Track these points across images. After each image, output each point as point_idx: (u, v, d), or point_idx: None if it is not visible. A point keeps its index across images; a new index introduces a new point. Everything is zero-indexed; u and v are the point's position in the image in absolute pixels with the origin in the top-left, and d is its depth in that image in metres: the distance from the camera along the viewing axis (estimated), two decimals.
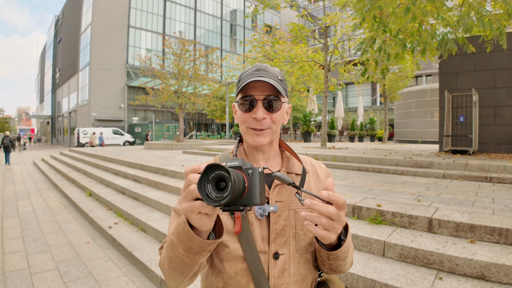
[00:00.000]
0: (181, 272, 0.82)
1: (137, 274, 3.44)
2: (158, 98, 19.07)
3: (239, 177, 0.63)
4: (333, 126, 20.70)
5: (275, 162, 1.01)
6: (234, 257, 0.89)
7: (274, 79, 0.91)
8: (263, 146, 0.95)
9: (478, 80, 7.86)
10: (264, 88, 0.91)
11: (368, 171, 6.56)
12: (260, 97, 0.91)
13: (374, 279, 2.34)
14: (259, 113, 0.90)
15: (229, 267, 0.90)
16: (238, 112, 0.96)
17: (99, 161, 10.62)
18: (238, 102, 0.94)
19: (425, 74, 34.78)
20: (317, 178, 1.03)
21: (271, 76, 0.91)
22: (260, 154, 0.99)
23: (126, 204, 5.54)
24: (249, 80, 0.89)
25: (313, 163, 1.07)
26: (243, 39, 48.11)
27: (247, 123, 0.93)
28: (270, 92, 0.91)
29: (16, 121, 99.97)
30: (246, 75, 0.93)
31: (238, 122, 0.98)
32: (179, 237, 0.76)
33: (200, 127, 46.21)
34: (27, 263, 3.73)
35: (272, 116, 0.92)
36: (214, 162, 0.64)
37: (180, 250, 0.77)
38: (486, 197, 3.92)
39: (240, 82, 0.93)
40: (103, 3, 35.15)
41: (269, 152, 1.00)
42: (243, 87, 0.91)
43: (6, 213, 6.23)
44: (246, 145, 1.02)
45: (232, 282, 0.90)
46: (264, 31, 19.66)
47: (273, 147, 1.01)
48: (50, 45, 57.39)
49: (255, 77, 0.89)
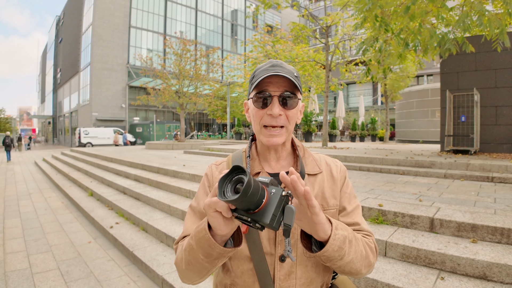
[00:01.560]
0: (198, 273, 0.83)
1: (139, 274, 3.45)
2: (159, 98, 19.09)
3: (257, 187, 0.62)
4: (334, 126, 20.70)
5: (286, 161, 0.99)
6: (241, 257, 0.90)
7: (290, 75, 0.88)
8: (277, 146, 0.93)
9: (479, 80, 7.84)
10: (281, 84, 0.88)
11: (369, 171, 6.55)
12: (276, 93, 0.88)
13: (376, 279, 2.33)
14: (275, 109, 0.87)
15: (236, 266, 0.91)
16: (252, 110, 0.93)
17: (100, 161, 10.64)
18: (253, 99, 0.91)
19: (426, 73, 34.69)
20: (331, 178, 0.99)
21: (287, 72, 0.88)
22: (272, 153, 0.98)
23: (128, 204, 5.54)
24: (266, 75, 0.86)
25: (329, 162, 1.03)
26: (244, 39, 48.14)
27: (262, 120, 0.90)
28: (286, 87, 0.89)
29: (17, 121, 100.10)
30: (261, 71, 0.90)
31: (250, 121, 0.96)
32: (199, 243, 0.76)
33: (201, 127, 46.22)
34: (29, 263, 3.73)
35: (288, 113, 0.90)
36: (241, 166, 0.64)
37: (199, 255, 0.77)
38: (487, 197, 3.91)
39: (255, 78, 0.90)
40: (104, 3, 35.18)
41: (281, 151, 0.98)
42: (258, 83, 0.88)
43: (8, 213, 6.24)
44: (259, 144, 0.99)
45: (239, 281, 0.91)
46: (265, 31, 19.66)
47: (286, 146, 0.99)
48: (51, 45, 57.48)
49: (271, 72, 0.86)
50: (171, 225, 4.23)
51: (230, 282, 0.93)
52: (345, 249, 0.77)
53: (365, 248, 0.86)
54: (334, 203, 0.95)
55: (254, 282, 0.89)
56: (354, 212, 0.97)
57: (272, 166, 0.98)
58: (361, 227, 0.95)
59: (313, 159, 1.00)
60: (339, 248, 0.75)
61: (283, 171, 0.66)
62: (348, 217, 0.95)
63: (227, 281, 0.94)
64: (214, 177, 1.01)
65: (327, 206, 0.94)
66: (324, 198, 0.94)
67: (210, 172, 1.03)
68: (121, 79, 36.63)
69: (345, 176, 1.02)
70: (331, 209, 0.94)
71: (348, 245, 0.78)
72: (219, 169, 1.03)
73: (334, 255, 0.76)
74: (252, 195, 0.61)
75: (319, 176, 0.97)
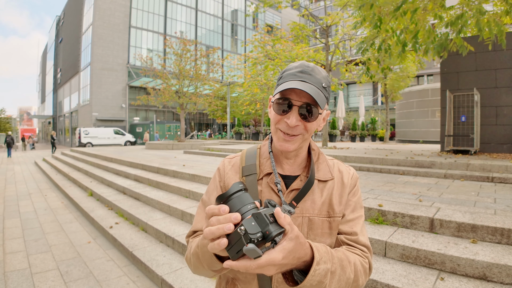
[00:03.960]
0: (206, 275, 0.88)
1: (138, 274, 3.44)
2: (159, 98, 19.10)
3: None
4: (334, 126, 20.70)
5: (300, 166, 0.97)
6: None
7: (317, 86, 0.85)
8: (289, 152, 0.92)
9: (479, 80, 7.83)
10: (304, 95, 0.84)
11: (369, 171, 6.55)
12: (297, 103, 0.85)
13: (376, 280, 2.33)
14: (292, 119, 0.84)
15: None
16: (271, 110, 0.92)
17: (100, 161, 10.64)
18: (274, 102, 0.89)
19: (426, 73, 34.67)
20: (341, 185, 0.97)
21: (314, 82, 0.85)
22: (284, 156, 0.96)
23: (127, 204, 5.54)
24: (289, 87, 0.82)
25: (341, 169, 1.00)
26: (244, 39, 48.14)
27: (278, 124, 0.89)
28: (309, 99, 0.84)
29: (17, 121, 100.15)
30: (289, 75, 0.87)
31: (270, 117, 0.94)
32: (204, 255, 0.78)
33: (201, 127, 46.22)
34: (28, 263, 3.73)
35: (306, 124, 0.87)
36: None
37: (204, 265, 0.80)
38: (487, 197, 3.90)
39: (281, 80, 0.87)
40: (104, 3, 35.18)
41: (295, 156, 0.96)
42: (282, 88, 0.85)
43: (8, 213, 6.24)
44: (274, 145, 0.96)
45: (241, 276, 0.92)
46: (265, 31, 19.65)
47: (302, 150, 0.96)
48: (52, 45, 57.49)
49: (297, 81, 0.84)
50: (171, 225, 4.22)
51: (232, 276, 0.94)
52: (326, 282, 0.73)
53: (355, 272, 0.82)
54: (340, 210, 0.93)
55: (253, 279, 0.90)
56: (355, 221, 0.95)
57: (285, 169, 0.97)
58: (357, 239, 0.92)
59: (327, 165, 0.98)
60: (318, 283, 0.72)
61: (278, 208, 0.64)
62: (347, 225, 0.93)
63: (230, 274, 0.95)
64: (226, 172, 1.01)
65: (333, 213, 0.92)
66: (331, 205, 0.93)
67: (223, 167, 1.03)
68: (121, 79, 36.63)
69: (355, 184, 1.00)
70: (337, 216, 0.93)
71: (330, 277, 0.74)
72: (231, 164, 1.03)
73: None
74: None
75: (330, 182, 0.95)
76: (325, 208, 0.92)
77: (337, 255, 0.79)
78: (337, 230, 0.93)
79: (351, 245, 0.91)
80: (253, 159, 0.98)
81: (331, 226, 0.92)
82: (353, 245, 0.91)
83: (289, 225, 0.64)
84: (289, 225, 0.64)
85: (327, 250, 0.77)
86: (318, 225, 0.91)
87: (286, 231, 0.64)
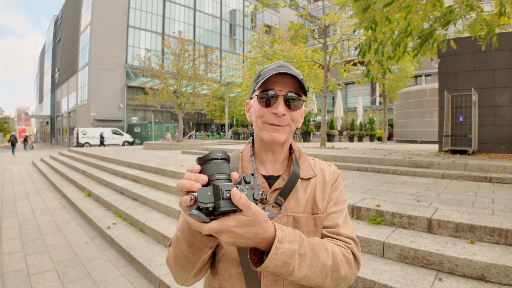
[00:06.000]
0: (185, 268, 0.84)
1: (136, 274, 3.43)
2: (157, 98, 19.06)
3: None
4: (332, 126, 20.71)
5: (282, 165, 0.98)
6: (229, 259, 0.89)
7: (297, 76, 0.88)
8: (277, 144, 0.93)
9: (477, 80, 7.85)
10: (287, 84, 0.88)
11: (367, 171, 6.55)
12: (282, 93, 0.88)
13: (374, 280, 2.32)
14: (279, 108, 0.86)
15: (224, 269, 0.90)
16: (254, 107, 0.92)
17: (98, 161, 10.60)
18: (258, 96, 0.90)
19: (424, 74, 34.78)
20: (323, 181, 0.98)
21: (294, 73, 0.88)
22: (269, 155, 0.96)
23: (125, 204, 5.52)
24: (273, 73, 0.85)
25: (323, 167, 1.02)
26: (242, 39, 48.10)
27: (264, 117, 0.89)
28: (292, 88, 0.88)
29: (15, 121, 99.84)
30: (268, 70, 0.89)
31: (250, 120, 0.95)
32: (183, 232, 0.78)
33: (199, 127, 46.19)
34: (26, 264, 3.71)
35: (292, 114, 0.89)
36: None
37: (184, 245, 0.79)
38: (485, 197, 3.91)
39: (261, 77, 0.89)
40: (102, 3, 35.10)
41: (278, 153, 0.96)
42: (264, 82, 0.88)
43: (5, 213, 6.21)
44: (257, 145, 0.98)
45: (227, 285, 0.89)
46: (264, 31, 19.65)
47: (284, 148, 0.97)
48: (49, 45, 57.31)
49: (278, 71, 0.86)
50: (169, 226, 4.21)
51: (218, 285, 0.92)
52: (294, 265, 0.71)
53: (333, 259, 0.80)
54: (323, 206, 0.94)
55: (241, 287, 0.87)
56: (337, 214, 0.94)
57: (268, 169, 0.96)
58: (338, 231, 0.91)
59: (308, 164, 0.99)
60: (284, 264, 0.70)
61: (235, 188, 0.63)
62: (329, 218, 0.93)
63: (215, 284, 0.92)
64: None
65: (317, 210, 0.92)
66: (315, 202, 0.93)
67: None
68: (119, 79, 36.56)
69: (337, 178, 1.01)
70: (321, 212, 0.92)
71: (299, 260, 0.72)
72: None
73: (279, 270, 0.70)
74: None
75: (313, 180, 0.96)
76: (309, 206, 0.92)
77: (309, 240, 0.78)
78: (322, 226, 0.93)
79: (332, 237, 0.90)
80: (235, 162, 0.99)
81: (316, 223, 0.91)
82: (334, 237, 0.90)
83: (243, 205, 0.62)
84: (244, 205, 0.63)
85: (295, 232, 0.75)
86: (303, 223, 0.90)
87: (240, 211, 0.64)
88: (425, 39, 6.50)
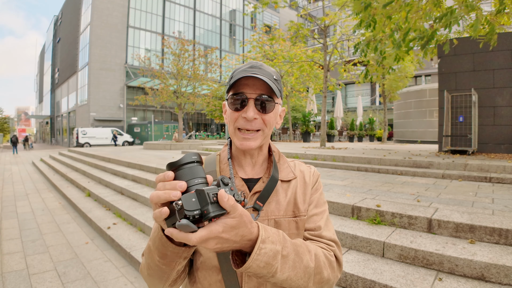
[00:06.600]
0: (159, 279, 0.80)
1: (136, 275, 3.43)
2: (157, 98, 19.07)
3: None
4: (332, 126, 20.70)
5: (262, 167, 0.96)
6: (208, 267, 0.85)
7: (269, 78, 0.84)
8: (252, 150, 0.90)
9: (477, 80, 7.86)
10: (257, 87, 0.84)
11: (367, 171, 6.55)
12: (252, 96, 0.84)
13: (374, 280, 2.33)
14: (249, 112, 0.83)
15: (204, 277, 0.86)
16: (227, 111, 0.90)
17: (98, 161, 10.60)
18: (228, 100, 0.87)
19: (424, 74, 34.79)
20: (304, 183, 0.96)
21: (265, 75, 0.84)
22: (248, 158, 0.94)
23: (125, 204, 5.52)
24: (241, 76, 0.82)
25: (303, 169, 1.00)
26: (242, 39, 48.11)
27: (237, 123, 0.86)
28: (263, 91, 0.85)
29: (15, 121, 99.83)
30: (239, 72, 0.86)
31: (227, 123, 0.92)
32: (154, 243, 0.74)
33: (199, 127, 46.17)
34: (26, 264, 3.71)
35: (264, 117, 0.86)
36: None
37: (156, 256, 0.75)
38: (485, 198, 3.91)
39: (232, 79, 0.85)
40: (102, 3, 35.09)
41: (257, 156, 0.94)
42: (234, 84, 0.85)
43: (5, 213, 6.21)
44: (234, 148, 0.95)
45: None
46: (264, 31, 19.64)
47: (262, 151, 0.95)
48: (49, 45, 57.29)
49: (248, 73, 0.82)
50: None
51: None
52: (276, 266, 0.69)
53: (316, 262, 0.78)
54: (305, 209, 0.92)
55: None
56: (318, 216, 0.93)
57: (247, 172, 0.95)
58: (321, 234, 0.89)
59: (288, 166, 0.98)
60: (266, 265, 0.67)
61: (222, 190, 0.60)
62: (310, 220, 0.92)
63: None
64: None
65: (299, 213, 0.91)
66: (296, 204, 0.91)
67: None
68: (119, 79, 36.55)
69: (317, 180, 0.99)
70: (302, 215, 0.91)
71: (282, 261, 0.70)
72: None
73: (261, 272, 0.68)
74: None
75: (293, 182, 0.94)
76: (291, 208, 0.90)
77: (292, 241, 0.76)
78: (304, 229, 0.91)
79: (314, 240, 0.89)
80: (213, 165, 0.96)
81: (298, 226, 0.90)
82: (316, 239, 0.89)
83: (232, 207, 0.60)
84: (232, 207, 0.60)
85: (278, 233, 0.73)
86: (285, 226, 0.88)
87: (228, 213, 0.61)
88: (427, 40, 6.50)
